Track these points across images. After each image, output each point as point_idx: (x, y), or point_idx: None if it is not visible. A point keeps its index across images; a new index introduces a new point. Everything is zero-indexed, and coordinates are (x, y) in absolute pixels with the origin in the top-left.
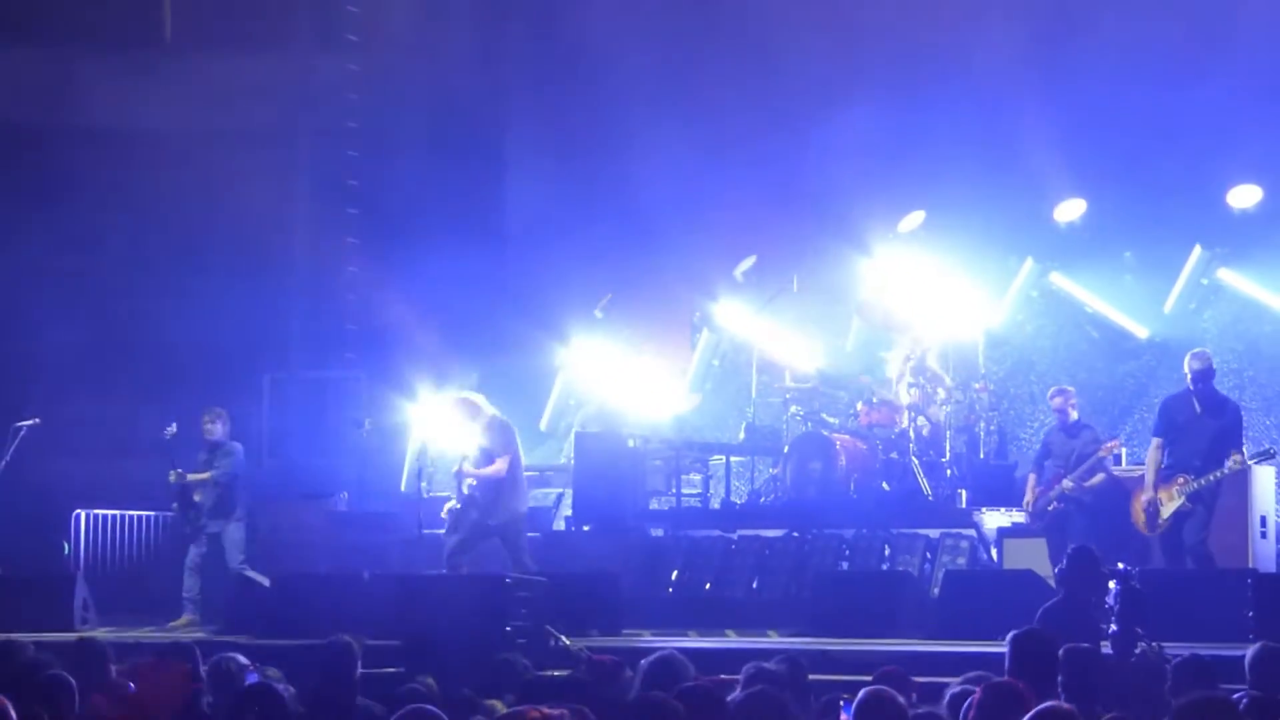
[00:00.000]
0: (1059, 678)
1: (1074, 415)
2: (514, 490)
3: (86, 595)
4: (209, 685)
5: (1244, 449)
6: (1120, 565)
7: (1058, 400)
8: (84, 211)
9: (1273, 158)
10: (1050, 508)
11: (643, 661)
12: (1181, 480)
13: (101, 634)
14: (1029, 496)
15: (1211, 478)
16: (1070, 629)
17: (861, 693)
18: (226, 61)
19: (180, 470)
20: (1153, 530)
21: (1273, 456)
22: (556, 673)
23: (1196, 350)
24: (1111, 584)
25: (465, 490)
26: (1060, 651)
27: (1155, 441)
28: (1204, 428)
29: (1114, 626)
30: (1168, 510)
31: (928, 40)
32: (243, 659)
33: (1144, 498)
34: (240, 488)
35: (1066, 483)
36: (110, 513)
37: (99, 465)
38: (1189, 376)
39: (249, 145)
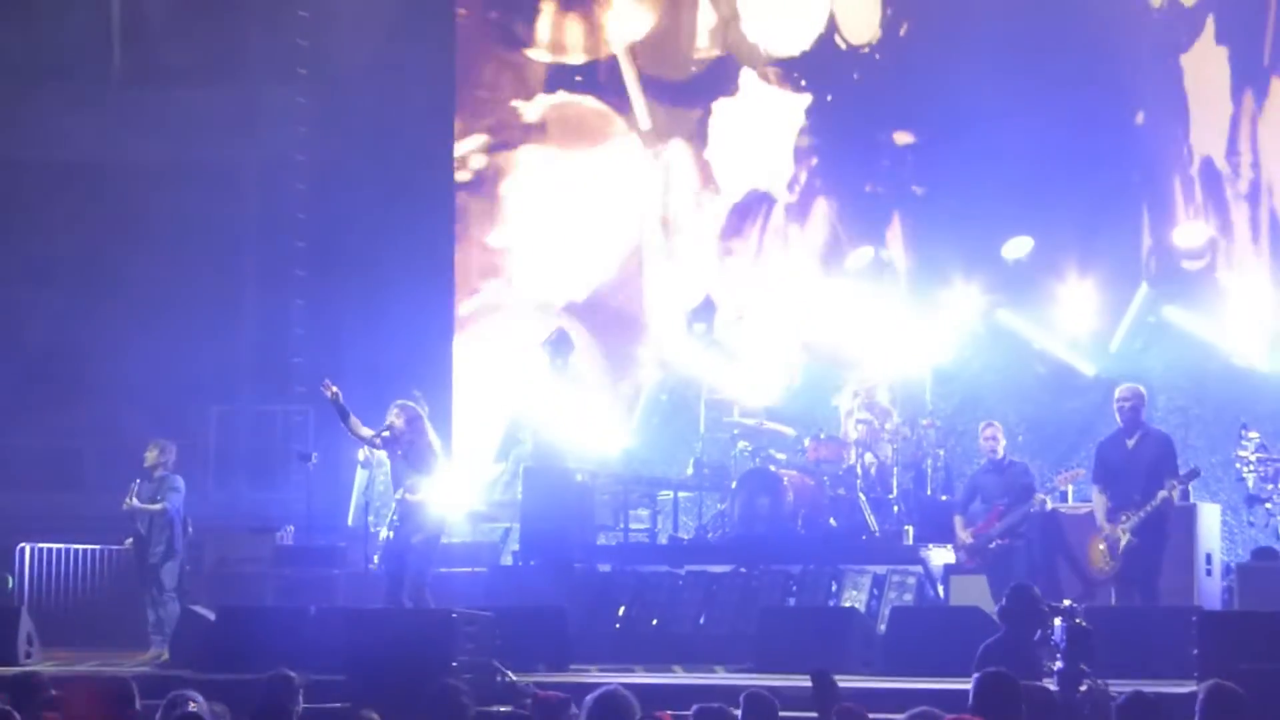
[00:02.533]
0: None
1: (1002, 451)
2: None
3: (31, 629)
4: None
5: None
6: (1066, 602)
7: (989, 432)
8: (31, 243)
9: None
10: (992, 545)
11: (587, 698)
12: (1125, 517)
13: (45, 667)
14: (964, 535)
15: (1150, 508)
16: (1010, 666)
17: None
18: (175, 94)
19: (133, 500)
20: (1108, 568)
21: (1198, 474)
22: (502, 709)
23: (1122, 386)
24: (1057, 621)
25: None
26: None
27: (1095, 487)
28: (1138, 462)
29: (1059, 663)
30: (1120, 547)
31: None
32: (198, 697)
33: (1099, 540)
34: (179, 522)
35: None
36: (56, 546)
37: (45, 498)
38: (1116, 414)
39: (197, 178)
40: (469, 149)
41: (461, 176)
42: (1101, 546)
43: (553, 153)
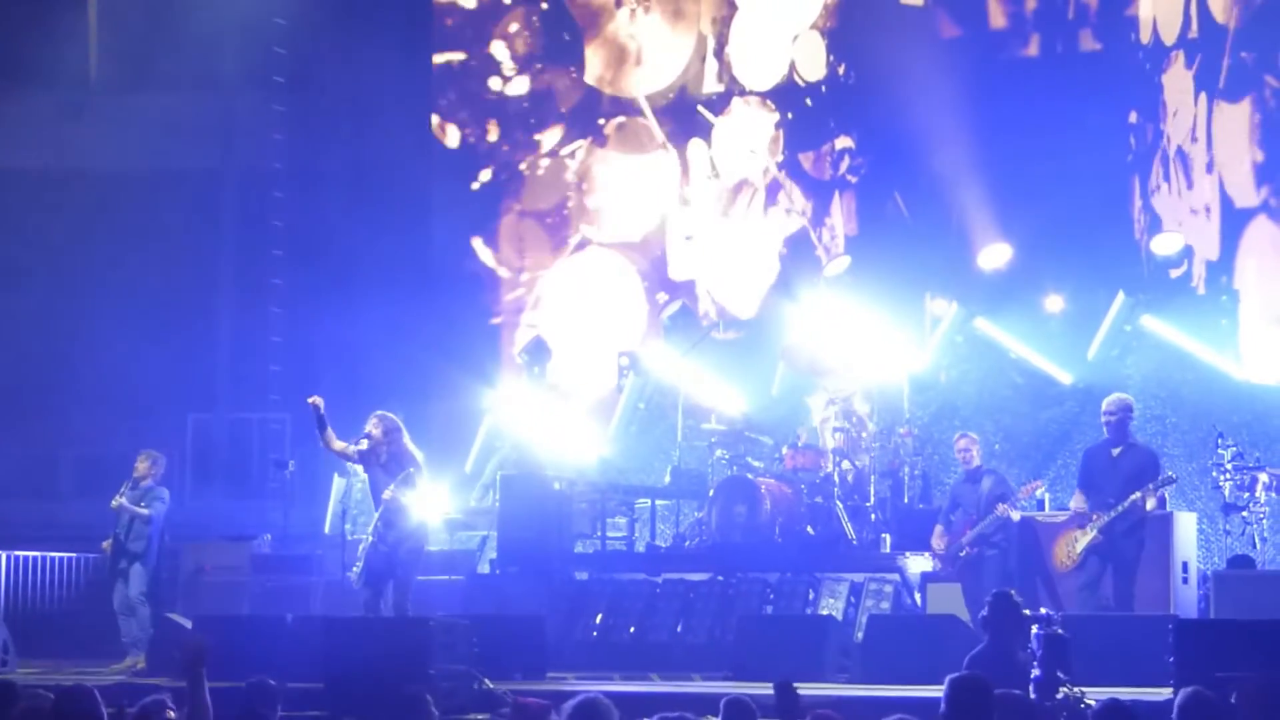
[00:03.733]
0: None
1: (977, 461)
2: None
3: (6, 637)
4: None
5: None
6: (1042, 610)
7: (963, 443)
8: (7, 249)
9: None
10: (962, 554)
11: (565, 705)
12: (1095, 516)
13: (20, 675)
14: (939, 543)
15: (1122, 508)
16: (1000, 676)
17: None
18: (153, 101)
19: (122, 500)
20: (1070, 563)
21: (1174, 481)
22: (479, 717)
23: (1110, 398)
24: (1034, 629)
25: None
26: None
27: (1078, 492)
28: (1117, 471)
29: (1036, 671)
30: (1081, 544)
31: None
32: (168, 703)
33: (1068, 535)
34: (158, 532)
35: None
36: (32, 554)
37: (21, 506)
38: (1103, 423)
39: (174, 185)
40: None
41: None
42: (1066, 543)
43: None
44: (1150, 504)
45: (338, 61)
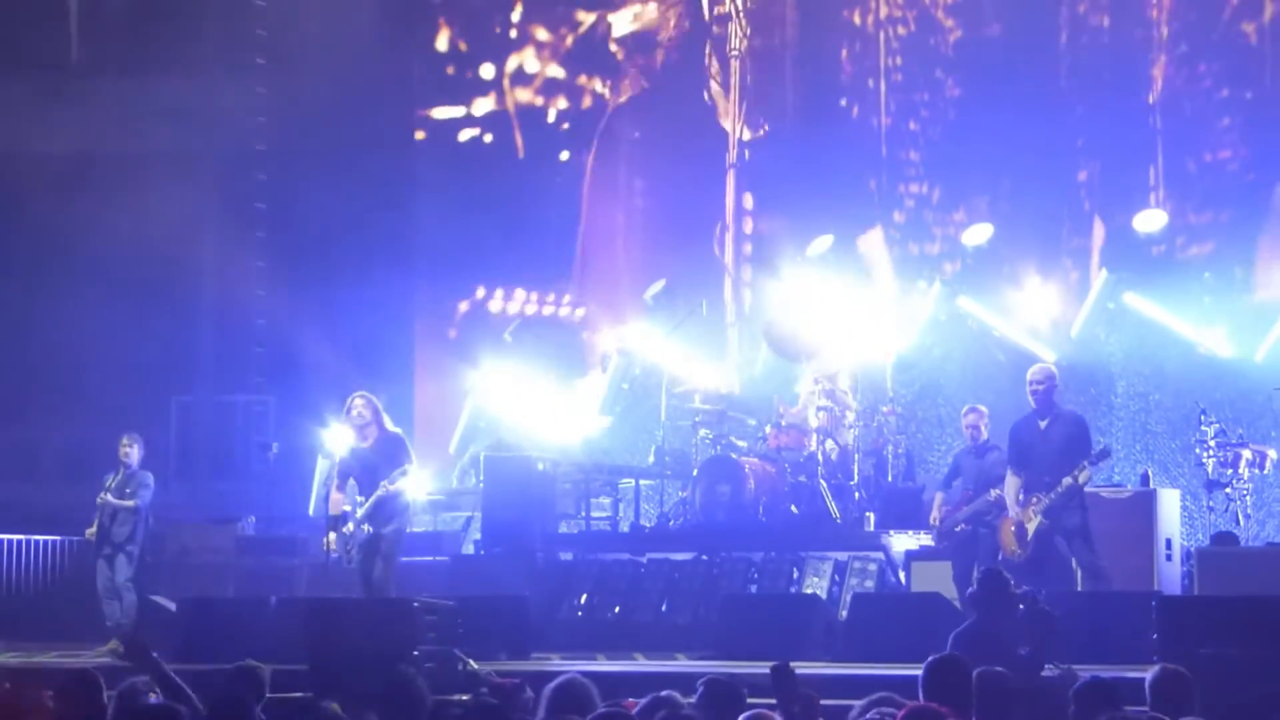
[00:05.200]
0: (974, 703)
1: (985, 435)
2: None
3: None
4: (114, 711)
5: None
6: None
7: (971, 418)
8: None
9: (1176, 180)
10: (957, 529)
11: (547, 687)
12: (1035, 499)
13: (4, 658)
14: (935, 514)
15: (1060, 489)
16: (985, 653)
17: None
18: (134, 84)
19: (108, 496)
20: (1019, 551)
21: (1109, 454)
22: (462, 697)
23: (1034, 368)
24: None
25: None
26: (974, 676)
27: (1009, 470)
28: (1049, 444)
29: (1023, 650)
30: (1029, 530)
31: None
32: (151, 685)
33: (1010, 523)
34: (144, 518)
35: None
36: (15, 538)
37: (3, 489)
38: (1029, 393)
39: (156, 168)
40: None
41: None
42: (1011, 529)
43: None
44: (1084, 477)
45: (320, 43)
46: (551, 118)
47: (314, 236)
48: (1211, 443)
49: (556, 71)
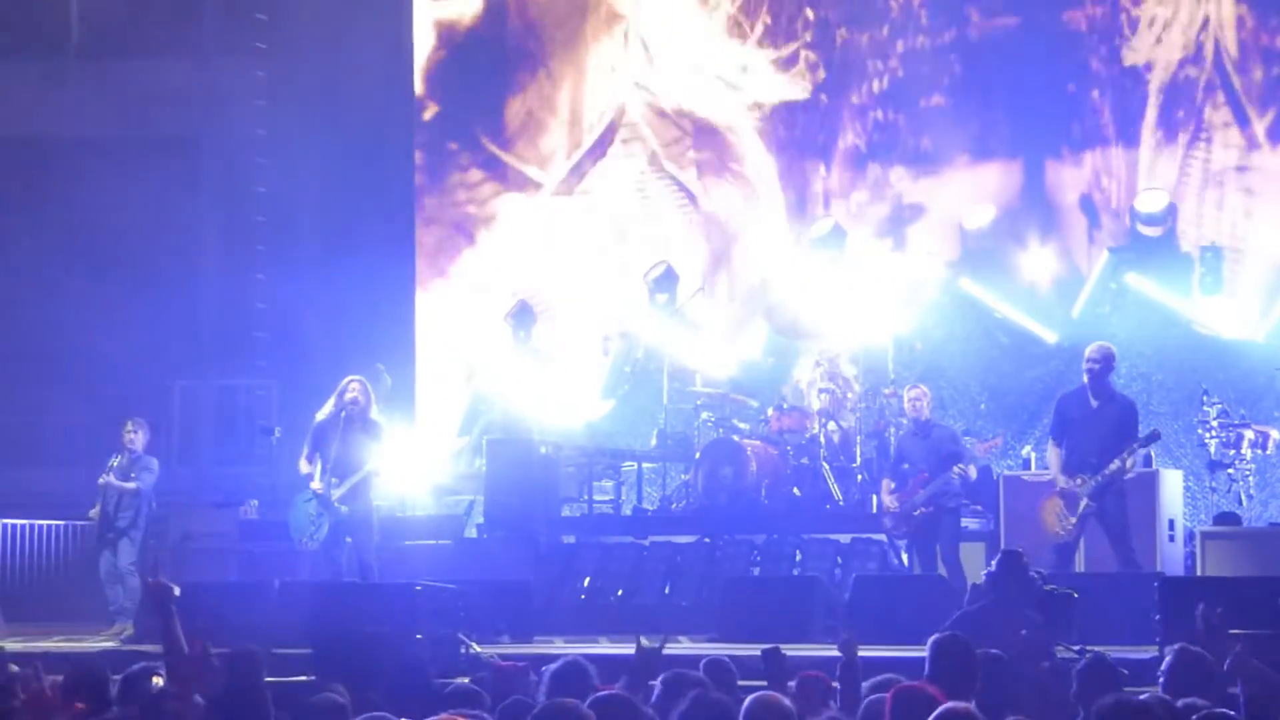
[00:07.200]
0: (978, 683)
1: (927, 414)
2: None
3: None
4: (119, 696)
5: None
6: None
7: (914, 394)
8: None
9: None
10: (917, 513)
11: (546, 669)
12: (1080, 480)
13: (9, 644)
14: (890, 500)
15: (1108, 471)
16: (997, 635)
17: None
18: (134, 67)
19: (109, 477)
20: (1064, 532)
21: (1158, 437)
22: (463, 680)
23: (1093, 345)
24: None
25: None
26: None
27: (1051, 442)
28: (1099, 423)
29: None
30: (1079, 509)
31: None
32: (156, 670)
33: (1055, 502)
34: (147, 502)
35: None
36: (18, 522)
37: (5, 473)
38: (1084, 370)
39: (157, 151)
40: None
41: None
42: (1058, 506)
43: None
44: (1131, 462)
45: (320, 27)
46: None
47: (315, 219)
48: (1214, 423)
49: None
